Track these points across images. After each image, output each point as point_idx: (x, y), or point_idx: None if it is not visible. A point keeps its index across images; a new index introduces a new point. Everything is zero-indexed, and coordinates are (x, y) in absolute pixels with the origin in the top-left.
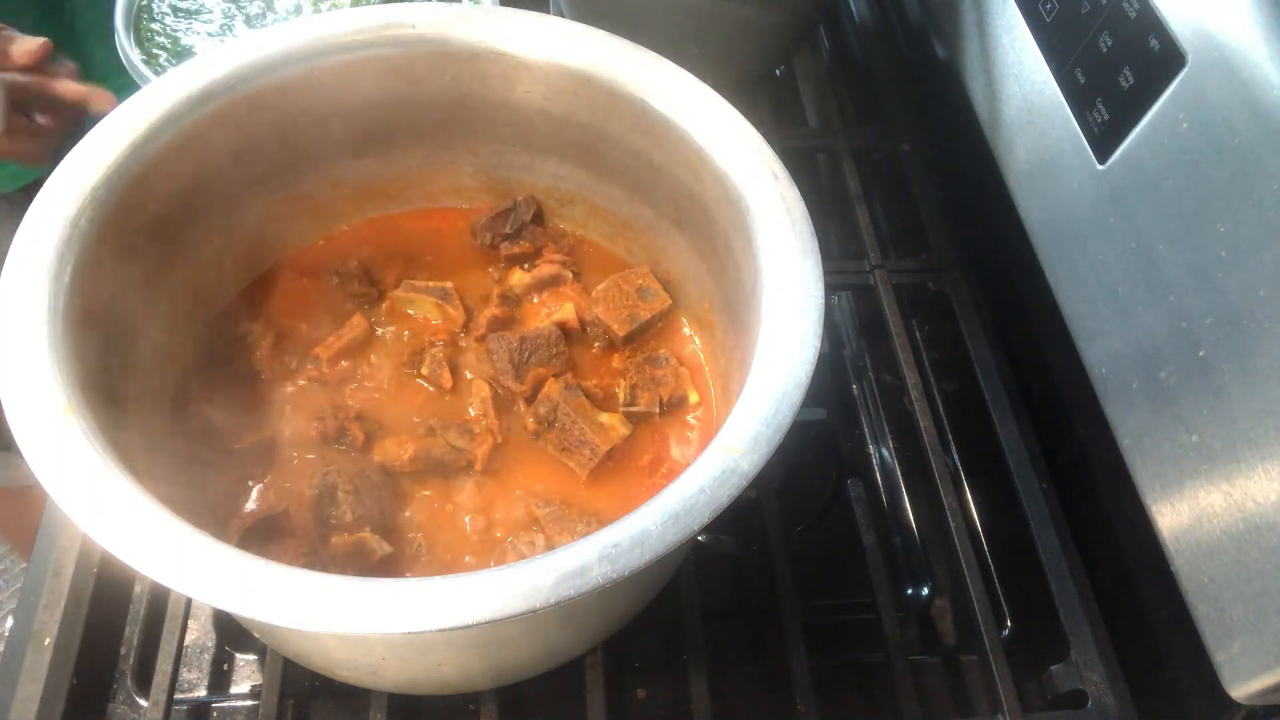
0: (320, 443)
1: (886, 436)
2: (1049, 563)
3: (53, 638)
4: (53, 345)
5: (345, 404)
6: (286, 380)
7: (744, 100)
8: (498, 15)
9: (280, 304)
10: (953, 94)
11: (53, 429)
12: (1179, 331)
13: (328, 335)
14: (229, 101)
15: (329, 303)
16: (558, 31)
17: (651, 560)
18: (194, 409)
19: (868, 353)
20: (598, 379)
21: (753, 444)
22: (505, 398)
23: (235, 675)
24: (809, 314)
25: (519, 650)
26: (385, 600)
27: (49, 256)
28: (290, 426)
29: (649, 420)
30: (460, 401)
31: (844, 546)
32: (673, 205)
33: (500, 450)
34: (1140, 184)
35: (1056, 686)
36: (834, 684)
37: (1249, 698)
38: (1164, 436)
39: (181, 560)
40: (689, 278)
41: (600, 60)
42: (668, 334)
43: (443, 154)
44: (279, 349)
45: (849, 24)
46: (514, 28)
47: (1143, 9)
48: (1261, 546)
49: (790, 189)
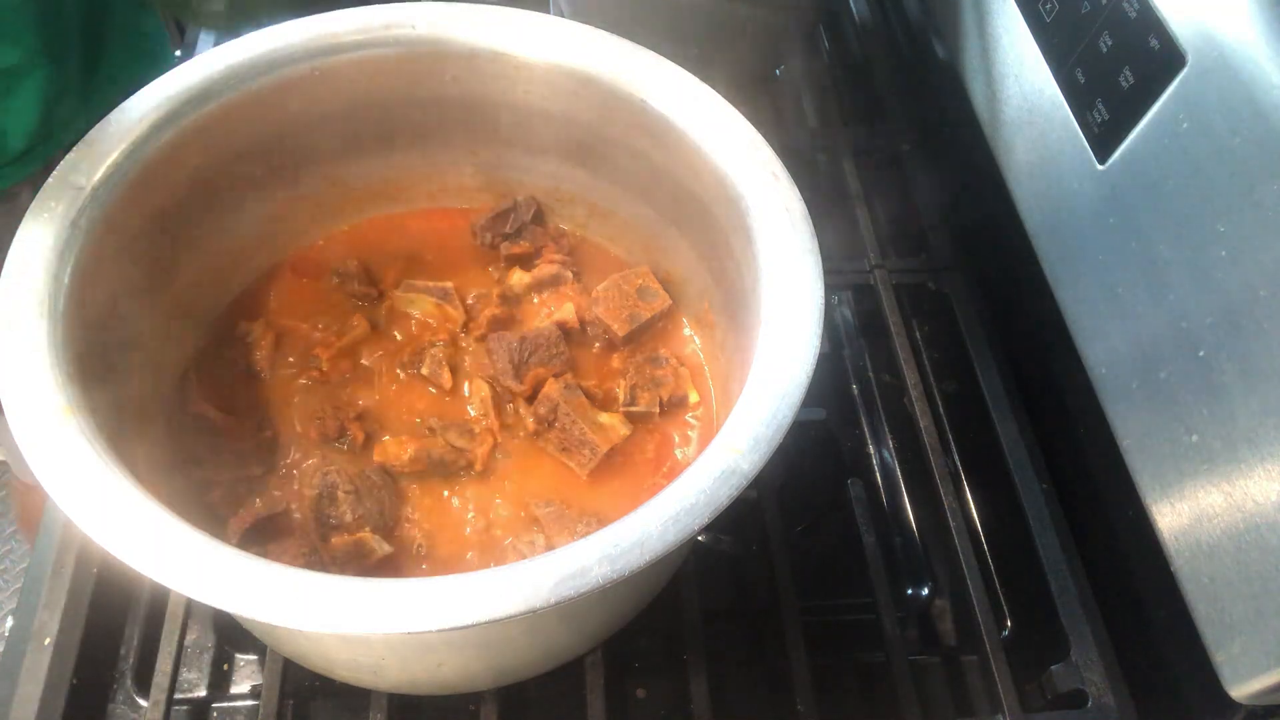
0: (320, 443)
1: (886, 436)
2: (1049, 563)
3: (53, 638)
4: (53, 345)
5: (345, 404)
6: (286, 380)
7: (744, 100)
8: (498, 15)
9: (280, 304)
10: (953, 94)
11: (53, 429)
12: (1179, 331)
13: (328, 335)
14: (229, 101)
15: (329, 303)
16: (557, 31)
17: (651, 560)
18: (194, 409)
19: (868, 353)
20: (598, 379)
21: (753, 444)
22: (505, 398)
23: (235, 675)
24: (809, 314)
25: (519, 650)
26: (385, 600)
27: (49, 256)
28: (290, 426)
29: (649, 420)
30: (460, 401)
31: (844, 546)
32: (673, 205)
33: (500, 450)
34: (1140, 184)
35: (1056, 686)
36: (834, 684)
37: (1249, 698)
38: (1164, 436)
39: (181, 560)
40: (689, 278)
41: (600, 60)
42: (668, 334)
43: (443, 154)
44: (279, 349)
45: (849, 24)
46: (514, 28)
47: (1143, 9)
48: (1261, 546)
49: (790, 189)
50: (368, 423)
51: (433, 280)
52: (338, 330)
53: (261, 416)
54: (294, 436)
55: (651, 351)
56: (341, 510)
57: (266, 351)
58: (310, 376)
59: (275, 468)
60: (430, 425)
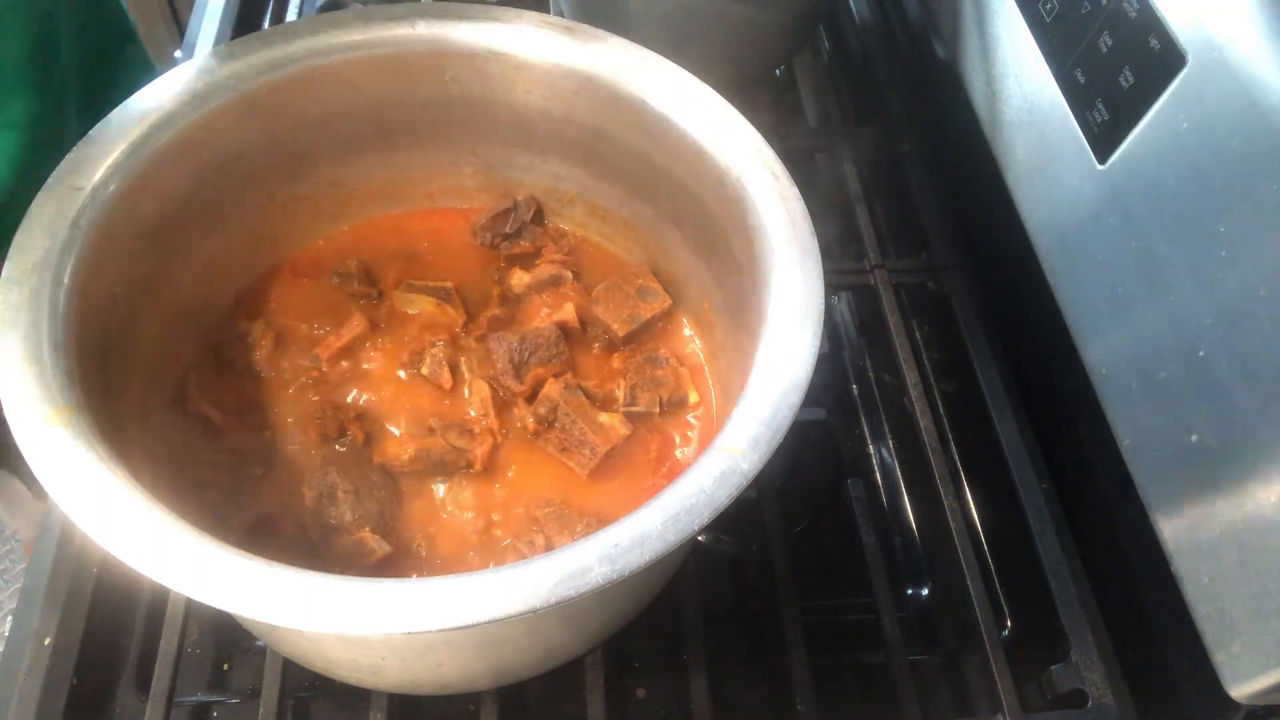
0: (320, 443)
1: (886, 436)
2: (1049, 563)
3: (53, 638)
4: (53, 346)
5: (345, 404)
6: (287, 380)
7: (744, 100)
8: (497, 15)
9: (280, 304)
10: (953, 94)
11: (53, 429)
12: (1179, 331)
13: (328, 335)
14: (229, 101)
15: (329, 303)
16: (557, 31)
17: (651, 560)
18: (194, 409)
19: (868, 353)
20: (598, 379)
21: (753, 444)
22: (505, 398)
23: (235, 675)
24: (809, 314)
25: (519, 650)
26: (385, 600)
27: (49, 257)
28: (290, 426)
29: (649, 420)
30: (460, 401)
31: (844, 546)
32: (673, 205)
33: (500, 450)
34: (1140, 184)
35: (1056, 686)
36: (834, 684)
37: (1249, 698)
38: (1164, 436)
39: (181, 560)
40: (689, 278)
41: (600, 60)
42: (668, 334)
43: (443, 154)
44: (279, 349)
45: (849, 24)
46: (514, 27)
47: (1143, 9)
48: (1261, 547)
49: (790, 189)
50: (368, 423)
51: (433, 280)
52: (338, 330)
53: (261, 416)
54: (294, 436)
55: (651, 351)
56: (341, 510)
57: (266, 351)
58: (310, 376)
59: (275, 467)
60: (430, 425)
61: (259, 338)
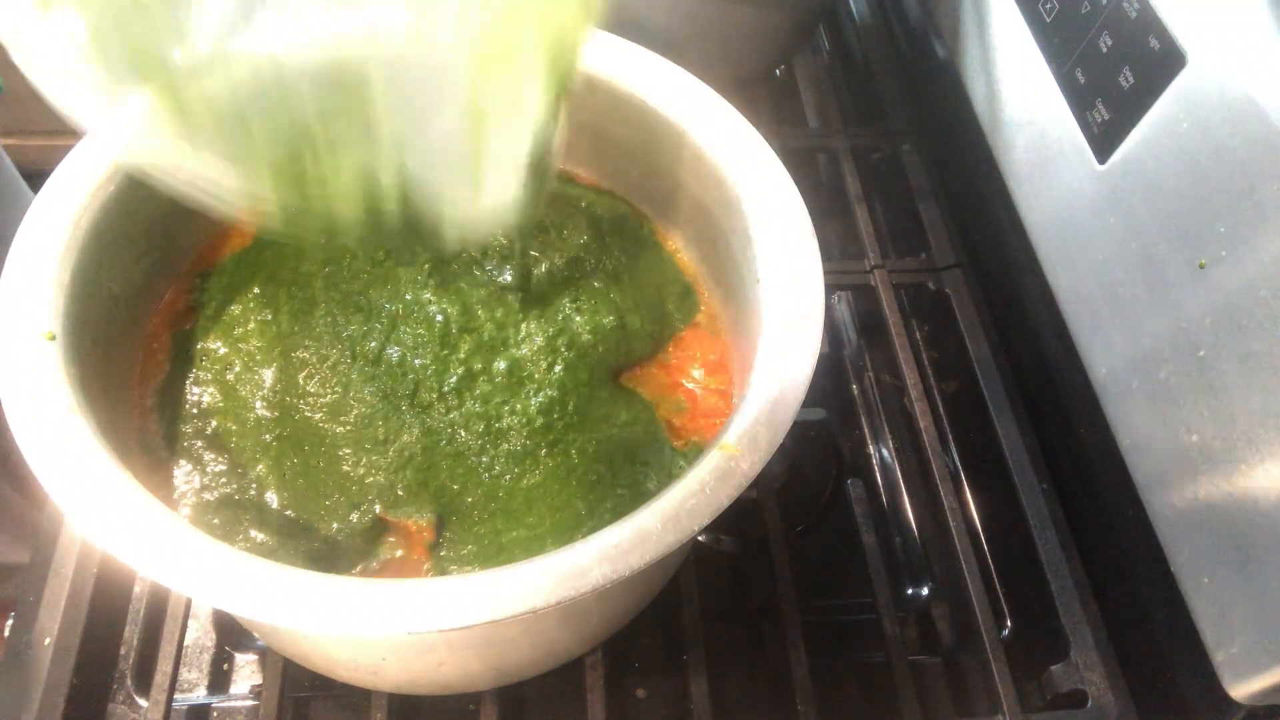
0: None
1: (886, 436)
2: (1049, 563)
3: (53, 638)
4: (53, 346)
5: None
6: None
7: (744, 100)
8: None
9: None
10: (953, 94)
11: (54, 429)
12: (1179, 331)
13: None
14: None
15: None
16: None
17: (651, 561)
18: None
19: (868, 353)
20: None
21: (752, 444)
22: None
23: (235, 675)
24: (809, 315)
25: (519, 650)
26: (385, 600)
27: (49, 257)
28: None
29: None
30: None
31: (844, 546)
32: (673, 205)
33: None
34: (1140, 184)
35: (1056, 686)
36: (834, 684)
37: (1249, 698)
38: (1164, 436)
39: (181, 560)
40: (689, 278)
41: (600, 60)
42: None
43: None
44: None
45: (849, 24)
46: None
47: (1143, 9)
48: (1261, 547)
49: (790, 189)
50: None
51: None
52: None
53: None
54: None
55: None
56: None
57: None
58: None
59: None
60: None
61: None
